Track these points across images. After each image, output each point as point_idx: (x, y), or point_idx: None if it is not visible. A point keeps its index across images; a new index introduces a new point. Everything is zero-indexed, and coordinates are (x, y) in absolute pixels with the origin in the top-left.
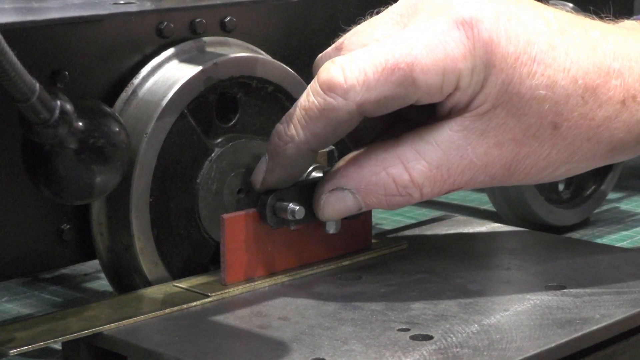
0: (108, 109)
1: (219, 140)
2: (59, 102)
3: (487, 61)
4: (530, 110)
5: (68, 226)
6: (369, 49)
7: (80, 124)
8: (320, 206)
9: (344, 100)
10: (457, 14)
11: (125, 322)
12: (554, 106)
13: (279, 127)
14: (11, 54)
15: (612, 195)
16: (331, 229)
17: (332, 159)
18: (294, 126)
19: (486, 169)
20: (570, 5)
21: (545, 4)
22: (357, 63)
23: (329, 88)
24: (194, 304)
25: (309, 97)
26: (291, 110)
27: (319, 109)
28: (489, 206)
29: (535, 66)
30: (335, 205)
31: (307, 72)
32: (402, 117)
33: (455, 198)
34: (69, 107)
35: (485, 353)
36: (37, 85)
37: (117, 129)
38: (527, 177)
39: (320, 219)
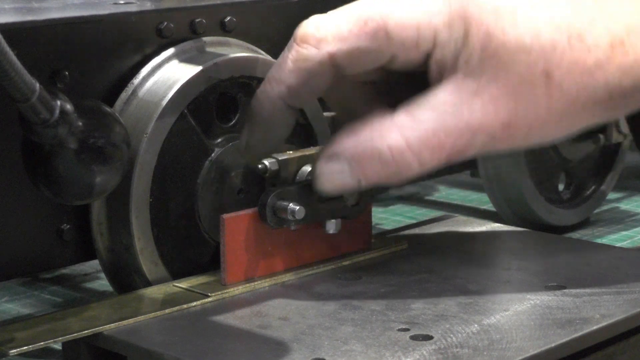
0: (108, 109)
1: (219, 140)
2: (59, 102)
3: (465, 15)
4: (519, 60)
5: (68, 226)
6: (345, 7)
7: (80, 124)
8: (317, 177)
9: (317, 49)
10: None
11: (125, 322)
12: (542, 54)
13: (257, 89)
14: (11, 54)
15: (612, 195)
16: (331, 229)
17: None
18: (268, 81)
19: (484, 128)
20: None
21: None
22: (331, 17)
23: (302, 40)
24: (194, 304)
25: (284, 53)
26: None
27: (292, 60)
28: (489, 206)
29: (517, 16)
30: (331, 176)
31: None
32: (396, 94)
33: (455, 198)
34: (69, 107)
35: (485, 353)
36: (37, 85)
37: (117, 129)
38: (530, 134)
39: (318, 190)
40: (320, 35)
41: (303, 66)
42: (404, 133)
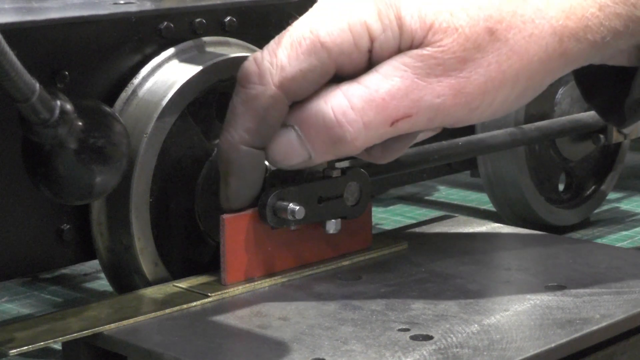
0: (108, 109)
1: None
2: (59, 102)
3: (390, 1)
4: (458, 22)
5: (68, 226)
6: (279, 35)
7: (80, 124)
8: (268, 150)
9: (262, 85)
10: None
11: (125, 322)
12: (479, 12)
13: (219, 141)
14: (11, 54)
15: (612, 195)
16: (331, 229)
17: (331, 161)
18: (227, 131)
19: (432, 90)
20: None
21: None
22: (267, 49)
23: (245, 80)
24: (194, 304)
25: (232, 99)
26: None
27: (242, 103)
28: (489, 206)
29: None
30: (279, 142)
31: None
32: None
33: (455, 198)
34: (69, 107)
35: (485, 353)
36: (37, 85)
37: (117, 129)
38: (487, 100)
39: (271, 164)
40: (262, 70)
41: (255, 106)
42: (346, 93)
